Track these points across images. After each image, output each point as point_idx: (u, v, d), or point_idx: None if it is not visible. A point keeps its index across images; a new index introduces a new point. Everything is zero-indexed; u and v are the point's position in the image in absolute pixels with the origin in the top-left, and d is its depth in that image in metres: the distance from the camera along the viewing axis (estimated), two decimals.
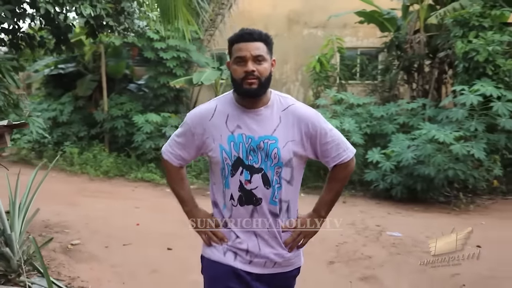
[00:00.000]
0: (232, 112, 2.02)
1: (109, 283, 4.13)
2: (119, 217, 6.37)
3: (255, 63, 1.95)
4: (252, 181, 1.99)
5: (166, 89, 10.10)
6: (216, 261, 2.07)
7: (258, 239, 2.05)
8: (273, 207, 2.03)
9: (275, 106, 2.05)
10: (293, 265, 2.14)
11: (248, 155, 1.99)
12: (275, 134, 2.00)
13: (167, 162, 2.16)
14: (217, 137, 2.01)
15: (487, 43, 7.53)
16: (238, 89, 1.99)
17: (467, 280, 4.44)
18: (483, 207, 7.39)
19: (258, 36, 1.97)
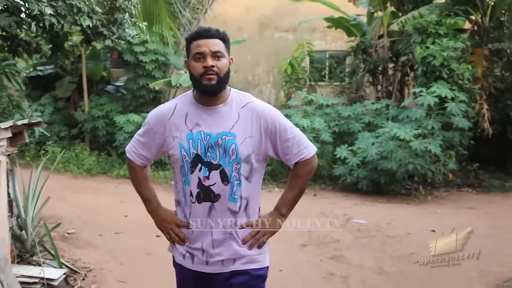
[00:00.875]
0: (192, 110, 2.05)
1: (107, 264, 4.63)
2: (107, 209, 6.83)
3: (214, 59, 1.97)
4: (210, 177, 2.00)
5: (145, 91, 10.54)
6: (179, 264, 2.15)
7: (213, 237, 2.06)
8: (232, 204, 2.04)
9: (233, 103, 2.07)
10: (256, 263, 2.11)
11: (206, 151, 2.01)
12: (233, 130, 2.02)
13: (131, 161, 2.19)
14: (177, 135, 2.04)
15: (442, 49, 8.29)
16: (198, 85, 2.01)
17: (422, 258, 5.10)
18: (439, 198, 8.15)
19: (216, 33, 2.01)
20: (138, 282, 4.23)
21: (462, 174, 8.95)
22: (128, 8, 5.11)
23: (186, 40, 2.05)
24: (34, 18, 4.74)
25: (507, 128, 9.44)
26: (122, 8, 5.04)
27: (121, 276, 4.33)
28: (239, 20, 13.68)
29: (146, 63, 10.21)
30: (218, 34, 2.00)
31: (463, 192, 8.54)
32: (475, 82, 8.74)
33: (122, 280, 4.23)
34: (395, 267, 4.85)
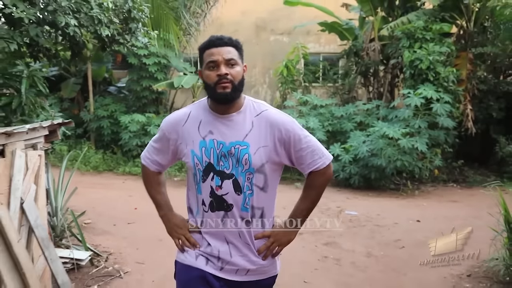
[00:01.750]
0: (205, 118, 2.03)
1: (125, 248, 5.16)
2: (118, 203, 7.35)
3: (228, 67, 1.95)
4: (223, 187, 1.98)
5: (148, 92, 11.06)
6: (188, 265, 2.08)
7: (230, 246, 2.05)
8: (245, 214, 2.02)
9: (247, 111, 2.04)
10: (267, 273, 2.14)
11: (219, 160, 1.98)
12: (246, 139, 1.99)
13: (145, 167, 2.20)
14: (189, 142, 2.02)
15: (428, 53, 8.88)
16: (212, 94, 1.99)
17: (407, 244, 5.68)
18: (426, 192, 8.73)
19: (229, 41, 1.99)
20: (154, 263, 4.75)
21: (447, 170, 9.53)
22: (141, 18, 5.63)
23: (199, 50, 2.04)
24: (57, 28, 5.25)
25: (490, 128, 10.05)
26: (136, 19, 5.57)
27: (138, 258, 4.86)
28: (235, 23, 14.19)
29: (149, 66, 10.73)
30: (230, 42, 2.00)
31: (448, 187, 9.12)
32: (459, 84, 9.32)
33: (140, 262, 4.76)
34: (382, 251, 5.41)
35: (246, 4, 14.16)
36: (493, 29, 10.10)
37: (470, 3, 9.91)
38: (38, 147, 3.91)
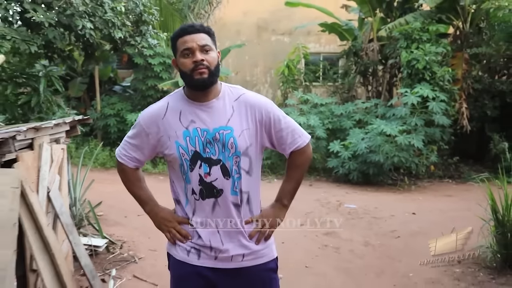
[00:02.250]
0: (185, 107, 2.02)
1: (138, 237, 5.50)
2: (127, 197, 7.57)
3: (203, 53, 1.95)
4: (211, 173, 1.99)
5: (153, 91, 11.40)
6: (181, 261, 2.09)
7: (221, 234, 2.04)
8: (234, 198, 2.02)
9: (226, 97, 2.05)
10: (265, 257, 2.12)
11: (205, 147, 1.99)
12: (229, 124, 2.01)
13: (123, 165, 2.16)
14: (172, 134, 2.00)
15: (425, 54, 9.20)
16: (190, 81, 1.99)
17: (402, 234, 6.01)
18: (422, 187, 9.07)
19: (201, 28, 1.99)
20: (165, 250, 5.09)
21: (443, 166, 9.85)
22: (151, 21, 5.97)
23: (172, 39, 2.04)
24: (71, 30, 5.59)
25: (485, 125, 10.37)
26: (147, 21, 5.91)
27: (150, 246, 5.20)
28: (238, 23, 14.53)
29: (155, 66, 11.06)
30: (202, 28, 2.00)
31: (444, 182, 9.45)
32: (455, 83, 9.65)
33: (152, 249, 5.10)
34: (379, 240, 5.75)
35: (248, 5, 14.48)
36: (488, 30, 10.42)
37: (466, 4, 10.23)
38: (61, 141, 4.24)
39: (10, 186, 3.30)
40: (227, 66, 14.09)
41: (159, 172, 10.20)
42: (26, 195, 3.41)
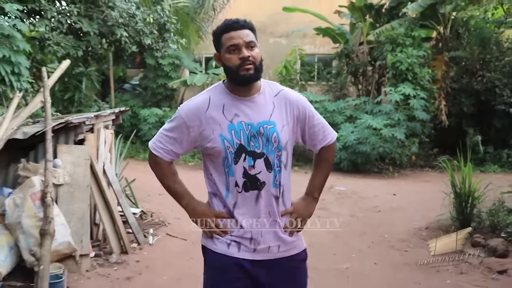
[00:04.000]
0: (228, 101, 2.05)
1: (163, 210, 6.61)
2: (146, 180, 8.71)
3: (248, 49, 1.97)
4: (255, 166, 2.03)
5: (162, 89, 12.51)
6: (220, 254, 2.09)
7: (261, 225, 2.08)
8: (275, 190, 2.07)
9: (266, 92, 2.09)
10: (297, 248, 2.18)
11: (249, 141, 2.02)
12: (272, 119, 2.05)
13: (158, 157, 2.13)
14: (216, 127, 2.02)
15: (408, 57, 10.37)
16: (236, 77, 2.01)
17: (383, 209, 7.17)
18: (404, 175, 10.25)
19: (245, 24, 2.02)
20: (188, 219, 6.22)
21: (424, 157, 11.02)
22: (172, 29, 7.10)
23: (215, 34, 2.07)
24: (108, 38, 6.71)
25: (462, 121, 11.54)
26: (169, 30, 7.04)
27: (175, 215, 6.32)
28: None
29: (164, 66, 12.17)
30: (247, 24, 2.03)
31: (424, 171, 10.63)
32: (435, 83, 10.83)
33: (177, 217, 6.22)
34: (363, 214, 6.91)
35: (248, 9, 15.51)
36: (466, 35, 11.58)
37: (446, 12, 11.38)
38: (109, 127, 5.38)
39: (83, 158, 4.44)
40: None
41: None
42: (93, 165, 4.55)
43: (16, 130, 4.27)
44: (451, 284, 4.35)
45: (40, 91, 4.70)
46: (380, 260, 4.99)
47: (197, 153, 11.44)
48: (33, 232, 3.79)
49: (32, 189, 3.93)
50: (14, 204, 3.91)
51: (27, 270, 3.88)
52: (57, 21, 5.98)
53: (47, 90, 4.48)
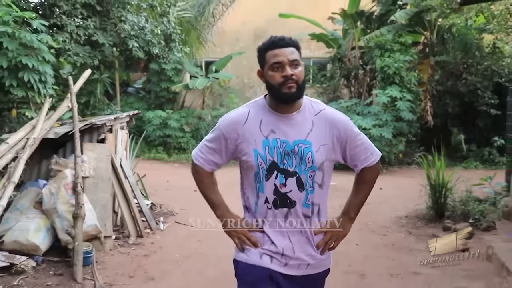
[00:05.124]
0: (266, 117, 2.05)
1: (170, 202, 7.34)
2: (152, 177, 9.48)
3: (292, 68, 1.97)
4: (287, 185, 2.02)
5: (165, 92, 13.25)
6: (253, 265, 2.09)
7: (293, 242, 2.08)
8: (306, 210, 2.07)
9: (307, 111, 2.08)
10: (324, 266, 2.20)
11: (282, 159, 2.01)
12: (308, 138, 2.03)
13: (198, 167, 2.17)
14: (252, 142, 2.03)
15: (395, 61, 11.12)
16: (278, 94, 2.00)
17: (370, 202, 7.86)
18: (392, 171, 11.01)
19: (290, 42, 2.02)
20: (194, 209, 6.92)
21: (411, 155, 11.77)
22: (177, 39, 7.85)
23: (260, 50, 2.07)
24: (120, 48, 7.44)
25: (447, 121, 12.31)
26: (174, 40, 7.79)
27: (181, 207, 7.06)
28: (236, 31, 16.31)
29: (167, 70, 12.90)
30: (292, 42, 2.03)
31: (410, 168, 11.37)
32: (421, 85, 11.58)
33: (183, 208, 6.96)
34: None
35: (246, 15, 16.28)
36: (451, 41, 12.35)
37: (432, 18, 12.15)
38: (125, 128, 6.12)
39: (105, 154, 5.18)
40: (227, 70, 15.89)
41: (173, 160, 12.05)
42: (113, 161, 5.29)
43: (48, 130, 5.01)
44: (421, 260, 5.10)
45: (67, 97, 5.44)
46: (362, 242, 5.73)
47: None
48: (67, 216, 4.53)
49: (65, 180, 4.67)
50: (50, 193, 4.65)
51: (61, 248, 4.62)
52: (76, 33, 6.72)
53: (74, 96, 5.23)
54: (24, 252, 4.36)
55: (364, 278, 4.65)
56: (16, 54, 5.50)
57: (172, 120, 12.39)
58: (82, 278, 4.14)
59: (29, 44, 5.66)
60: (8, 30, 5.44)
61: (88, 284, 4.13)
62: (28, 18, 5.81)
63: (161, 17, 7.58)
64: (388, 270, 4.83)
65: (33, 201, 4.79)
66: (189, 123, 13.02)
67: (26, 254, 4.36)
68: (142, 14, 7.26)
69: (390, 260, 5.12)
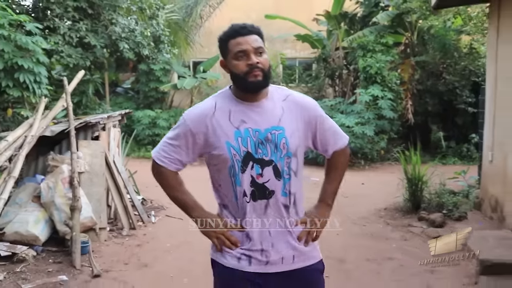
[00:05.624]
0: (234, 107, 1.98)
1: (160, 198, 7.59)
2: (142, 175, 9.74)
3: (257, 55, 1.90)
4: (263, 174, 1.94)
5: (154, 92, 13.52)
6: (231, 268, 2.02)
7: (272, 235, 2.00)
8: (284, 199, 1.99)
9: (275, 97, 2.02)
10: (314, 258, 2.11)
11: (257, 148, 1.93)
12: (281, 124, 1.97)
13: (163, 168, 2.06)
14: (222, 134, 1.94)
15: (377, 61, 11.52)
16: (244, 84, 1.93)
17: (350, 195, 8.27)
18: (374, 167, 11.41)
19: (252, 29, 1.96)
20: None
21: (393, 152, 12.18)
22: (166, 41, 8.15)
23: (222, 39, 2.00)
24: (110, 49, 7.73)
25: (428, 119, 12.75)
26: (163, 42, 8.09)
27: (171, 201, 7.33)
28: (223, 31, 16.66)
29: (156, 71, 13.17)
30: (254, 29, 1.97)
31: (392, 164, 11.77)
32: (402, 85, 11.99)
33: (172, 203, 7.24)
34: None
35: (233, 16, 16.55)
36: (431, 41, 12.79)
37: (412, 20, 12.58)
38: (117, 126, 6.41)
39: (99, 151, 5.48)
40: (214, 70, 16.18)
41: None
42: (106, 157, 5.59)
43: (45, 129, 5.30)
44: (396, 247, 5.48)
45: (62, 96, 5.72)
46: (342, 232, 6.06)
47: None
48: (64, 208, 4.83)
49: (62, 174, 4.96)
50: (48, 187, 4.94)
51: (59, 239, 4.92)
52: (68, 36, 7.00)
53: (69, 96, 5.51)
54: (24, 242, 4.66)
55: (343, 263, 5.01)
56: (12, 55, 5.78)
57: (161, 120, 12.68)
58: (81, 265, 4.45)
59: (24, 46, 5.93)
60: (4, 33, 5.71)
61: (86, 270, 4.44)
62: (23, 21, 6.08)
63: (150, 19, 7.88)
64: (365, 256, 5.19)
65: (31, 195, 5.07)
66: None
67: (26, 244, 4.66)
68: (132, 17, 7.54)
69: (368, 248, 5.48)
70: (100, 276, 4.33)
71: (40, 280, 4.12)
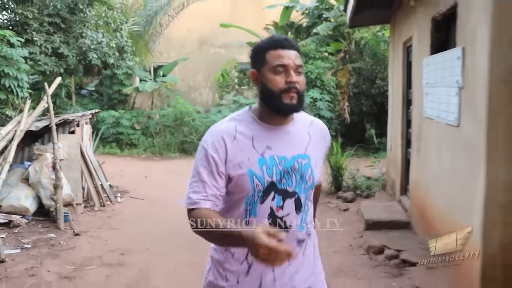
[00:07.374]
0: (257, 131, 1.76)
1: (125, 184, 8.94)
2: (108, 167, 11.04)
3: (296, 74, 1.70)
4: (284, 207, 1.73)
5: (117, 94, 14.71)
6: None
7: (275, 273, 1.76)
8: (301, 233, 1.80)
9: (300, 121, 1.84)
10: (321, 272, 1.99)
11: (282, 178, 1.72)
12: (307, 152, 1.79)
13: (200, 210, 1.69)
14: (244, 161, 1.70)
15: (316, 67, 13.12)
16: (277, 103, 1.70)
17: None
18: None
19: (295, 45, 1.76)
20: (143, 189, 8.60)
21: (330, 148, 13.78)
22: (129, 51, 9.44)
23: (260, 48, 1.77)
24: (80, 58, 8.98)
25: (363, 118, 14.44)
26: (126, 51, 9.38)
27: (134, 188, 8.66)
28: (182, 38, 17.86)
29: (119, 75, 14.36)
30: (296, 46, 1.77)
31: None
32: (339, 88, 13.63)
33: (136, 188, 8.57)
34: None
35: (190, 24, 17.88)
36: (364, 50, 14.50)
37: (349, 31, 14.24)
38: (88, 123, 7.70)
39: (75, 143, 6.77)
40: (174, 74, 17.42)
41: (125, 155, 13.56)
42: (81, 148, 6.89)
43: (30, 124, 6.56)
44: None
45: (43, 98, 6.97)
46: None
47: (149, 147, 13.76)
48: (49, 187, 6.11)
49: (46, 161, 6.24)
50: (34, 171, 6.21)
51: (44, 212, 6.20)
52: (45, 47, 8.22)
53: (49, 97, 6.78)
54: (17, 213, 5.93)
55: None
56: None
57: (124, 119, 13.91)
58: (64, 228, 5.76)
59: (8, 57, 7.14)
60: None
61: (68, 232, 5.76)
62: (8, 36, 7.30)
63: (115, 32, 9.14)
64: None
65: (20, 178, 6.33)
66: (139, 121, 14.53)
67: (19, 215, 5.92)
68: (99, 30, 8.80)
69: None
70: (80, 235, 5.66)
71: (34, 236, 5.43)
